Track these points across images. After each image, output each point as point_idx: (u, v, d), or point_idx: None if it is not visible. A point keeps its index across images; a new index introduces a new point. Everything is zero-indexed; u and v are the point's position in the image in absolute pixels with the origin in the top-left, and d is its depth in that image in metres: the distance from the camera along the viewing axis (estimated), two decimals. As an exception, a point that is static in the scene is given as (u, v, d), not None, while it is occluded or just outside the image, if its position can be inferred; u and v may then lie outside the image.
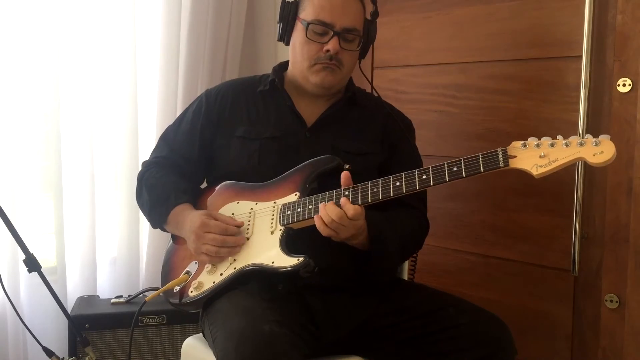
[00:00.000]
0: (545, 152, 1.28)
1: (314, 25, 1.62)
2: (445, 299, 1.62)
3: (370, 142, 1.71)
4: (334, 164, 1.57)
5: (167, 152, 1.78)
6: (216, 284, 1.55)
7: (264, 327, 1.35)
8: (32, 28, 2.11)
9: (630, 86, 1.74)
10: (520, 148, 1.30)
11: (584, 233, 1.85)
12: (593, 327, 1.87)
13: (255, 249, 1.55)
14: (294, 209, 1.53)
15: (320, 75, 1.64)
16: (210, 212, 1.62)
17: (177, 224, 1.66)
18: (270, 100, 1.73)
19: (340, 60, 1.64)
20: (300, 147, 1.66)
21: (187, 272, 1.61)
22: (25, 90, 2.12)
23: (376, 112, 1.77)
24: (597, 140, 1.23)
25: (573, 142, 1.26)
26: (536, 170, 1.27)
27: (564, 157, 1.26)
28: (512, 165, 1.30)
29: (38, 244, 2.16)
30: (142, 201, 1.76)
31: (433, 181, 1.38)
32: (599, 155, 1.22)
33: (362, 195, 1.45)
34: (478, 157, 1.34)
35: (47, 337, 2.01)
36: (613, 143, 1.22)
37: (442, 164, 1.37)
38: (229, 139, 1.70)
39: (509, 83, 2.00)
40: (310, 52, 1.64)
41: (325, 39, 1.62)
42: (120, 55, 2.29)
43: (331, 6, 1.61)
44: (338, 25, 1.61)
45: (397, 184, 1.41)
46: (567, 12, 1.86)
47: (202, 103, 1.77)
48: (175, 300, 1.63)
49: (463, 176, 1.34)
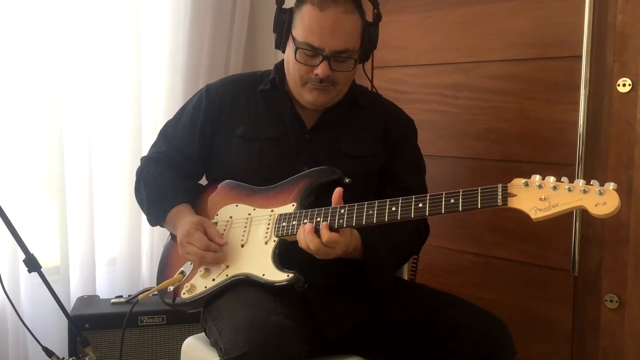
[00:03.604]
0: (546, 195, 1.22)
1: (302, 49, 1.55)
2: (445, 298, 1.62)
3: (371, 145, 1.69)
4: (334, 177, 1.54)
5: (166, 148, 1.77)
6: (208, 288, 1.56)
7: (272, 318, 1.34)
8: (34, 28, 2.11)
9: (630, 86, 1.74)
10: (522, 187, 1.25)
11: (584, 233, 1.85)
12: (593, 327, 1.87)
13: (248, 257, 1.54)
14: (289, 221, 1.51)
15: (312, 94, 1.60)
16: (203, 221, 1.59)
17: (174, 225, 1.66)
18: (270, 99, 1.70)
19: (333, 80, 1.58)
20: (299, 149, 1.65)
21: (181, 272, 1.61)
22: (27, 90, 2.12)
23: (377, 112, 1.74)
24: (602, 189, 1.18)
25: (576, 188, 1.20)
26: (535, 213, 1.22)
27: (565, 204, 1.20)
28: (510, 205, 1.25)
29: (41, 244, 2.17)
30: (140, 198, 1.76)
31: (429, 211, 1.34)
32: (601, 206, 1.17)
33: (357, 216, 1.41)
34: (477, 192, 1.30)
35: (47, 337, 2.01)
36: (618, 195, 1.17)
37: (440, 194, 1.34)
38: (229, 138, 1.68)
39: (509, 83, 2.00)
40: (301, 73, 1.59)
41: (316, 61, 1.56)
42: (123, 56, 2.30)
43: (320, 28, 1.53)
44: (327, 49, 1.53)
45: (393, 209, 1.38)
46: (567, 12, 1.86)
47: (203, 98, 1.74)
48: (169, 300, 1.63)
49: (459, 210, 1.31)
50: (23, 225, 2.02)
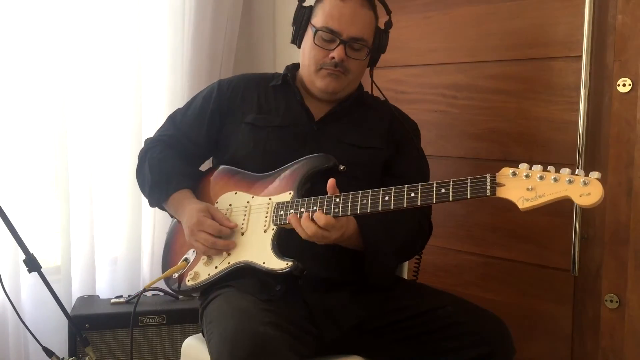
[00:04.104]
0: (533, 185, 1.24)
1: (322, 32, 1.65)
2: (444, 298, 1.63)
3: (377, 138, 1.74)
4: (329, 165, 1.58)
5: (173, 131, 1.81)
6: (211, 276, 1.60)
7: (259, 329, 1.35)
8: (37, 29, 2.12)
9: (630, 86, 1.74)
10: (509, 176, 1.26)
11: (584, 233, 1.85)
12: (593, 327, 1.87)
13: (248, 245, 1.58)
14: (286, 210, 1.54)
15: (325, 80, 1.68)
16: (209, 207, 1.64)
17: (176, 210, 1.69)
18: (281, 93, 1.77)
19: (347, 67, 1.67)
20: (307, 139, 1.69)
21: (185, 259, 1.64)
22: (29, 90, 2.12)
23: (383, 112, 1.80)
24: (586, 179, 1.19)
25: (562, 179, 1.22)
26: (522, 203, 1.24)
27: (551, 194, 1.22)
28: (498, 195, 1.27)
29: (41, 244, 2.17)
30: (142, 178, 1.78)
31: (420, 201, 1.36)
32: (585, 196, 1.19)
33: (352, 205, 1.44)
34: (467, 181, 1.31)
35: (47, 337, 2.01)
36: (601, 185, 1.18)
37: (431, 184, 1.36)
38: (237, 125, 1.73)
39: (509, 83, 2.00)
40: (317, 57, 1.67)
41: (332, 46, 1.65)
42: (126, 58, 2.30)
43: (340, 15, 1.64)
44: (345, 34, 1.64)
45: (386, 199, 1.40)
46: (567, 12, 1.86)
47: (214, 90, 1.79)
48: (174, 286, 1.68)
49: (450, 200, 1.33)
50: (24, 225, 2.02)
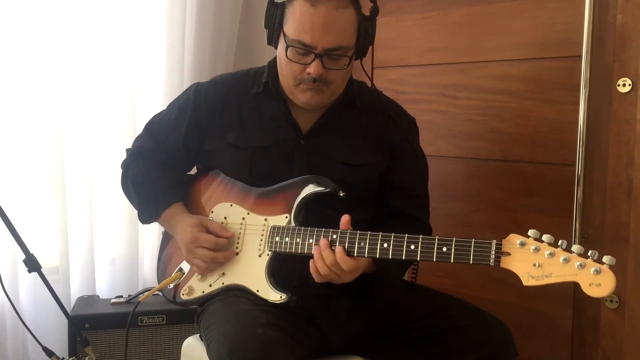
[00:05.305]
0: (540, 262, 1.19)
1: (294, 47, 1.47)
2: (446, 300, 1.62)
3: (371, 152, 1.62)
4: (329, 189, 1.48)
5: (151, 145, 1.72)
6: (205, 293, 1.59)
7: (257, 331, 1.33)
8: (35, 27, 2.11)
9: (630, 86, 1.74)
10: (517, 246, 1.22)
11: (584, 233, 1.85)
12: (593, 327, 1.87)
13: (243, 268, 1.55)
14: (282, 236, 1.49)
15: (306, 95, 1.52)
16: (202, 220, 1.58)
17: (168, 228, 1.67)
18: (263, 104, 1.62)
19: (327, 79, 1.49)
20: (294, 156, 1.58)
21: (180, 269, 1.63)
22: (27, 90, 2.12)
23: (377, 114, 1.65)
24: (599, 268, 1.13)
25: (572, 261, 1.16)
26: (527, 280, 1.20)
27: (559, 276, 1.17)
28: (503, 265, 1.23)
29: (41, 244, 2.16)
30: (129, 194, 1.74)
31: (420, 255, 1.33)
32: (595, 287, 1.13)
33: (349, 246, 1.39)
34: (470, 244, 1.27)
35: (47, 337, 2.01)
36: (614, 276, 1.13)
37: (433, 239, 1.32)
38: (219, 143, 1.63)
39: (509, 83, 2.00)
40: (294, 72, 1.50)
41: (308, 59, 1.47)
42: (122, 56, 2.29)
43: (312, 25, 1.44)
44: (320, 46, 1.45)
45: (385, 246, 1.36)
46: (567, 12, 1.85)
47: (190, 102, 1.67)
48: (170, 297, 1.67)
49: (451, 262, 1.29)
50: (23, 225, 2.02)
